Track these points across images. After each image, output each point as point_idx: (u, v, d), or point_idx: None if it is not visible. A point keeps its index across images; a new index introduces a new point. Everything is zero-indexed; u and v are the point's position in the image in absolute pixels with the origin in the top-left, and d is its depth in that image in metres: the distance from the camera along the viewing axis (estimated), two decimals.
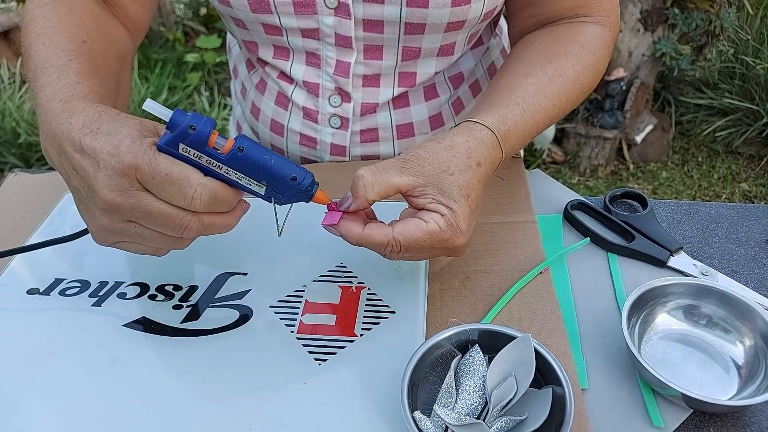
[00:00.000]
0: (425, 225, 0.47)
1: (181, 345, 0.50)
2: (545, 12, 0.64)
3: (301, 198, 0.46)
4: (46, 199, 0.66)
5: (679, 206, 0.65)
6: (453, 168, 0.48)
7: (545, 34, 0.63)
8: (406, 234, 0.47)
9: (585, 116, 2.30)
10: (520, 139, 0.54)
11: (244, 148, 0.42)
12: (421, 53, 0.63)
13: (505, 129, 0.52)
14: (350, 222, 0.48)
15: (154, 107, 0.42)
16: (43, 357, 0.50)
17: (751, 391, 0.46)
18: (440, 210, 0.47)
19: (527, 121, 0.54)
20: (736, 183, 2.28)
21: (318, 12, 0.59)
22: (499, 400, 0.43)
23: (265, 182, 0.44)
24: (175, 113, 0.42)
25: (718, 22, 2.30)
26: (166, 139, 0.41)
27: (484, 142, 0.51)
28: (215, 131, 0.42)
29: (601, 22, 0.63)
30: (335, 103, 0.66)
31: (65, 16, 0.55)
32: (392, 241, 0.47)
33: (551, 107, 0.56)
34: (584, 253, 0.60)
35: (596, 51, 0.61)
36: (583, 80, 0.59)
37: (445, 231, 0.47)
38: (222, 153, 0.42)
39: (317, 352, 0.50)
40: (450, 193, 0.47)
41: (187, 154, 0.42)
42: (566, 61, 0.58)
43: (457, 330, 0.47)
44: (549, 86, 0.56)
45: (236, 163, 0.43)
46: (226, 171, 0.43)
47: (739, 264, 0.58)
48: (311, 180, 0.46)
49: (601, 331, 0.52)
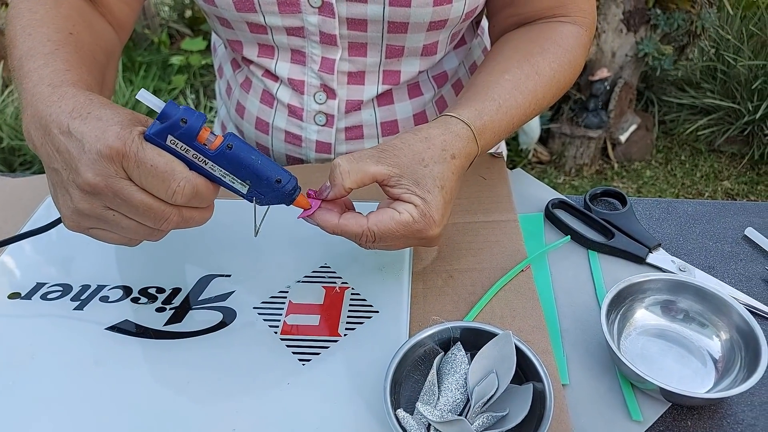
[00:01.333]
0: (398, 216, 0.48)
1: (164, 347, 0.50)
2: (524, 12, 0.65)
3: (282, 201, 0.46)
4: (28, 203, 0.66)
5: (658, 204, 0.66)
6: (428, 159, 0.49)
7: (523, 33, 0.64)
8: (380, 225, 0.47)
9: (570, 116, 2.32)
10: (495, 133, 0.55)
11: (233, 146, 0.42)
12: (404, 51, 0.64)
13: (481, 124, 0.53)
14: (327, 212, 0.49)
15: (147, 97, 0.42)
16: (25, 361, 0.50)
17: (727, 383, 0.46)
18: (414, 201, 0.48)
19: (503, 117, 0.55)
20: (719, 181, 2.31)
21: (302, 11, 0.59)
22: (480, 397, 0.44)
23: (250, 182, 0.44)
24: (168, 105, 0.41)
25: (699, 22, 2.33)
26: (155, 129, 0.41)
27: (459, 135, 0.51)
28: (206, 127, 0.42)
29: (578, 22, 0.64)
30: (320, 100, 0.67)
31: (51, 9, 0.55)
32: (366, 231, 0.48)
33: (527, 103, 0.57)
34: (565, 250, 0.60)
35: (572, 50, 0.62)
36: (559, 77, 0.60)
37: (418, 221, 0.48)
38: (210, 149, 0.42)
39: (301, 353, 0.50)
40: (424, 183, 0.48)
41: (174, 146, 0.42)
42: (543, 59, 0.59)
43: (440, 328, 0.47)
44: (525, 83, 0.57)
45: (223, 160, 0.43)
46: (211, 167, 0.43)
47: (716, 260, 0.59)
48: (295, 184, 0.46)
49: (581, 327, 0.53)
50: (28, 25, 0.52)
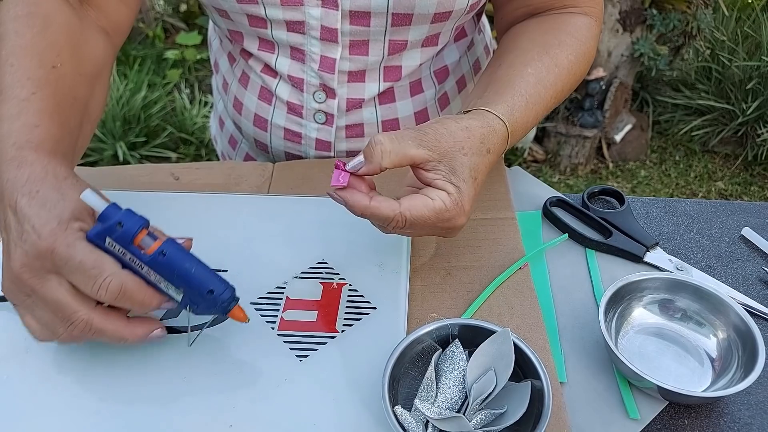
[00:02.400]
0: (431, 202, 0.47)
1: (161, 342, 0.50)
2: (533, 3, 0.64)
3: (216, 311, 0.46)
4: None
5: (656, 203, 0.66)
6: (467, 149, 0.49)
7: (536, 25, 0.63)
8: (413, 210, 0.47)
9: (565, 115, 2.33)
10: (522, 130, 0.55)
11: (167, 254, 0.43)
12: (407, 45, 0.63)
13: (513, 121, 0.53)
14: (357, 193, 0.48)
15: (90, 199, 0.43)
16: (19, 355, 0.49)
17: (724, 382, 0.47)
18: (447, 188, 0.48)
19: (530, 113, 0.55)
20: (713, 182, 2.32)
21: (304, 3, 0.59)
22: (478, 394, 0.44)
23: (183, 290, 0.44)
24: (108, 208, 0.43)
25: (695, 23, 2.34)
26: (95, 230, 0.43)
27: (496, 131, 0.52)
28: (144, 230, 0.43)
29: (588, 12, 0.64)
30: (320, 99, 0.66)
31: (38, 34, 0.52)
32: (399, 216, 0.47)
33: (549, 97, 0.58)
34: (563, 249, 0.60)
35: (586, 41, 0.62)
36: (575, 69, 0.61)
37: (450, 210, 0.47)
38: (146, 253, 0.43)
39: (298, 349, 0.50)
40: (461, 172, 0.48)
41: (112, 248, 0.43)
42: (560, 51, 0.59)
43: (438, 325, 0.47)
44: (547, 76, 0.57)
45: (157, 265, 0.43)
46: (146, 272, 0.44)
47: (713, 259, 0.60)
48: (230, 296, 0.45)
49: (579, 326, 0.53)
50: (12, 53, 0.50)
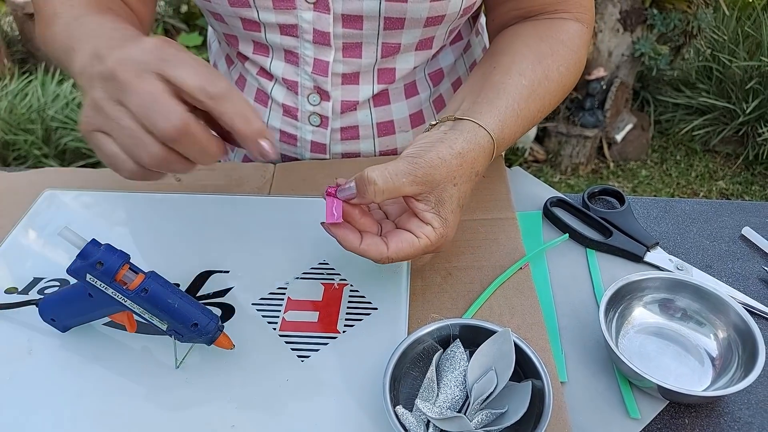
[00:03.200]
0: (417, 242, 0.49)
1: (162, 343, 0.50)
2: (525, 7, 0.65)
3: (202, 341, 0.47)
4: (24, 198, 0.65)
5: (656, 203, 0.67)
6: (458, 179, 0.50)
7: (532, 29, 0.63)
8: (400, 252, 0.49)
9: (566, 115, 2.33)
10: (507, 144, 0.56)
11: (149, 290, 0.44)
12: (400, 49, 0.64)
13: (502, 136, 0.54)
14: (350, 233, 0.49)
15: (69, 236, 0.43)
16: (22, 356, 0.49)
17: (724, 382, 0.47)
18: (434, 223, 0.49)
19: (518, 127, 0.56)
20: (714, 181, 2.32)
21: (297, 6, 0.59)
22: (479, 394, 0.44)
23: (167, 322, 0.45)
24: (88, 246, 0.44)
25: (696, 22, 2.34)
26: (74, 267, 0.44)
27: (485, 150, 0.52)
28: (126, 265, 0.44)
29: (580, 18, 0.64)
30: (314, 101, 0.66)
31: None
32: (386, 259, 0.49)
33: (536, 111, 0.58)
34: (563, 248, 0.60)
35: (578, 50, 0.62)
36: (565, 81, 0.61)
37: (435, 243, 0.49)
38: (129, 288, 0.44)
39: (300, 349, 0.50)
40: (449, 204, 0.49)
41: (93, 283, 0.44)
42: (552, 62, 0.59)
43: (439, 325, 0.47)
44: (538, 89, 0.58)
45: (140, 300, 0.44)
46: (130, 305, 0.45)
47: (713, 259, 0.60)
48: (214, 327, 0.46)
49: (579, 325, 0.53)
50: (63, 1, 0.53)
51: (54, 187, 0.67)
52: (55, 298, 0.49)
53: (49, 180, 0.68)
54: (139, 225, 0.62)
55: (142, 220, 0.62)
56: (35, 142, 2.08)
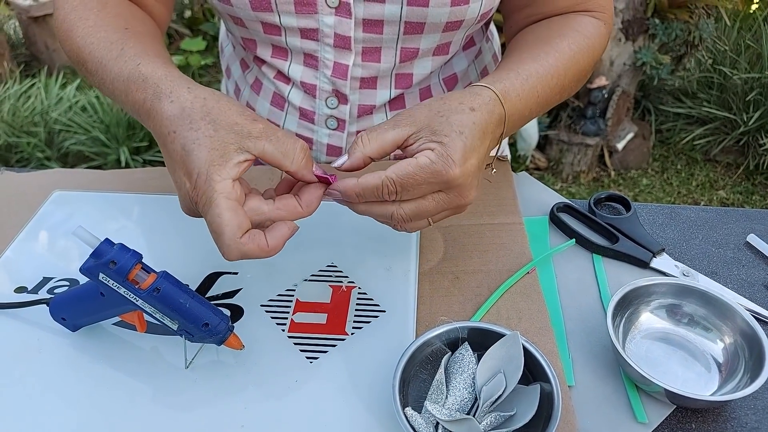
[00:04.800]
0: (415, 160, 0.46)
1: (172, 343, 0.50)
2: (543, 11, 0.65)
3: (212, 341, 0.47)
4: (33, 199, 0.66)
5: (661, 209, 0.67)
6: (444, 111, 0.48)
7: (541, 25, 0.64)
8: (398, 171, 0.46)
9: (567, 123, 2.34)
10: (521, 98, 0.53)
11: (161, 290, 0.45)
12: (418, 53, 0.64)
13: (501, 86, 0.51)
14: (345, 177, 0.48)
15: (83, 235, 0.44)
16: (32, 355, 0.50)
17: (731, 387, 0.47)
18: (430, 146, 0.46)
19: (523, 82, 0.53)
20: (714, 190, 2.33)
21: (318, 11, 0.59)
22: (488, 397, 0.44)
23: (178, 322, 0.46)
24: (102, 244, 0.44)
25: (697, 32, 2.35)
26: (87, 265, 0.45)
27: (478, 93, 0.50)
28: (138, 264, 0.45)
29: (597, 16, 0.64)
30: (332, 105, 0.67)
31: (100, 12, 0.56)
32: (386, 180, 0.46)
33: (549, 75, 0.55)
34: (569, 254, 0.61)
35: (591, 36, 0.61)
36: (579, 58, 0.59)
37: (436, 162, 0.45)
38: (141, 288, 0.45)
39: (308, 351, 0.50)
40: (441, 130, 0.47)
41: (106, 282, 0.45)
42: (561, 40, 0.59)
43: (447, 328, 0.48)
44: (545, 57, 0.56)
45: (152, 300, 0.45)
46: (142, 304, 0.45)
47: (719, 265, 0.60)
48: (225, 327, 0.46)
49: (586, 330, 0.53)
50: (86, 35, 0.54)
51: (62, 188, 0.67)
52: (67, 297, 0.49)
53: (57, 181, 0.69)
54: (148, 226, 0.62)
55: (151, 221, 0.63)
56: (38, 144, 2.09)
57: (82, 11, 0.56)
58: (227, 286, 0.55)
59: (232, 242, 0.42)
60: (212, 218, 0.43)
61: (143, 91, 0.47)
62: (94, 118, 2.14)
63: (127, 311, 0.47)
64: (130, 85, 0.48)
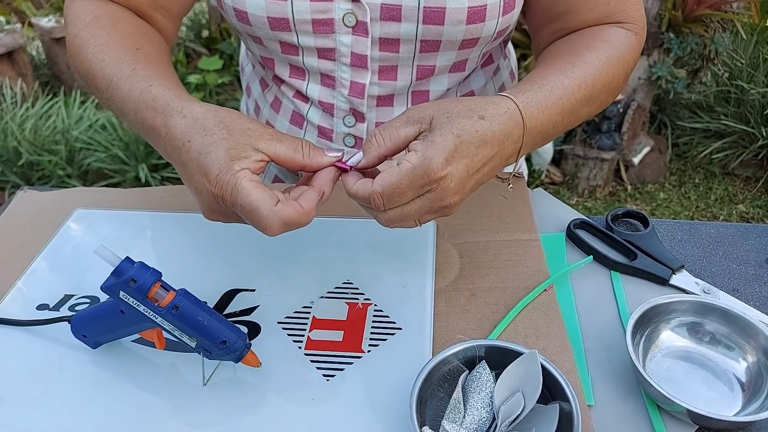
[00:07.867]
0: (397, 168, 0.45)
1: (190, 361, 0.51)
2: (570, 26, 0.63)
3: (230, 358, 0.48)
4: (55, 216, 0.67)
5: (680, 225, 0.66)
6: (452, 113, 0.47)
7: (568, 38, 0.63)
8: (383, 183, 0.45)
9: (583, 138, 2.33)
10: (544, 110, 0.51)
11: (180, 307, 0.45)
12: (435, 71, 0.65)
13: (524, 97, 0.50)
14: (348, 176, 0.48)
15: (104, 254, 0.45)
16: (53, 372, 0.50)
17: (755, 407, 0.46)
18: (415, 147, 0.46)
19: (547, 94, 0.52)
20: (733, 204, 2.30)
21: (336, 31, 0.60)
22: (507, 416, 0.44)
23: (196, 339, 0.46)
24: (122, 263, 0.45)
25: (713, 46, 2.34)
26: (108, 283, 0.45)
27: (495, 103, 0.49)
28: (158, 282, 0.46)
29: (627, 27, 0.62)
30: (349, 123, 0.67)
31: (111, 30, 0.58)
32: (373, 194, 0.46)
33: (575, 87, 0.54)
34: (587, 271, 0.60)
35: (620, 47, 0.59)
36: (608, 69, 0.57)
37: (417, 166, 0.44)
38: (160, 305, 0.45)
39: (325, 368, 0.50)
40: (439, 130, 0.46)
41: (126, 300, 0.45)
42: (589, 52, 0.57)
43: (464, 346, 0.47)
44: (572, 69, 0.55)
45: (171, 317, 0.46)
46: (161, 321, 0.46)
47: (740, 282, 0.59)
48: (242, 344, 0.47)
49: (605, 348, 0.53)
50: (97, 52, 0.56)
51: (84, 206, 0.68)
52: (87, 315, 0.50)
53: (79, 199, 0.70)
54: (166, 244, 0.63)
55: (169, 238, 0.64)
56: (59, 162, 2.13)
57: (95, 29, 0.57)
58: (244, 303, 0.56)
59: (270, 212, 0.43)
60: (243, 200, 0.43)
61: (153, 109, 0.49)
62: (114, 137, 2.18)
63: (147, 328, 0.48)
64: (140, 104, 0.50)
